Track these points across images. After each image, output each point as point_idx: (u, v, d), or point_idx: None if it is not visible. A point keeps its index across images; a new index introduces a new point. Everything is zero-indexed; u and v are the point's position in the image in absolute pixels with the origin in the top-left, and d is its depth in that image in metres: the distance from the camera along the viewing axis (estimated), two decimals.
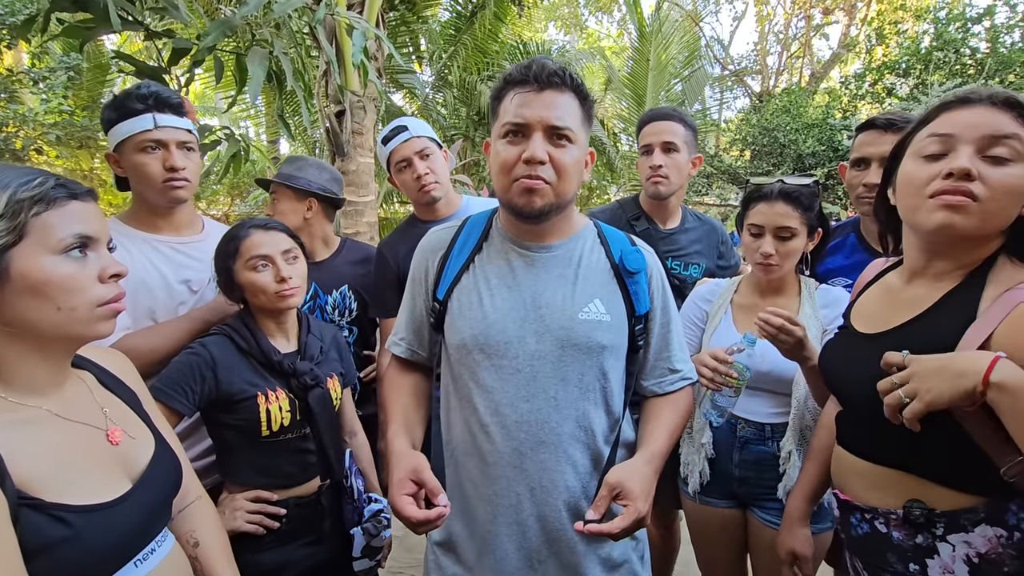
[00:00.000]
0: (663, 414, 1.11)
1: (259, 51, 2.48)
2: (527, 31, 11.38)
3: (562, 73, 0.98)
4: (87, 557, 0.71)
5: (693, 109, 9.45)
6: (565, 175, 1.00)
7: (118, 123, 1.31)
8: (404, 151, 1.74)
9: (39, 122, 6.84)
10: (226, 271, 1.28)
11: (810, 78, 13.00)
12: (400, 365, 1.23)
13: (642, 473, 1.00)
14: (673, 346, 1.14)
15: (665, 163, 1.74)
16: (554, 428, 1.01)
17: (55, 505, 0.69)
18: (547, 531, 1.02)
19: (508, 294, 1.05)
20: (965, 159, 0.82)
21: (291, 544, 1.28)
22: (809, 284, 1.48)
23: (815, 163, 7.62)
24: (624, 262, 1.08)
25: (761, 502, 1.42)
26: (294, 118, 7.17)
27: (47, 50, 7.17)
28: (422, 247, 1.19)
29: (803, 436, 1.36)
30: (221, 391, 1.20)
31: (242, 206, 10.65)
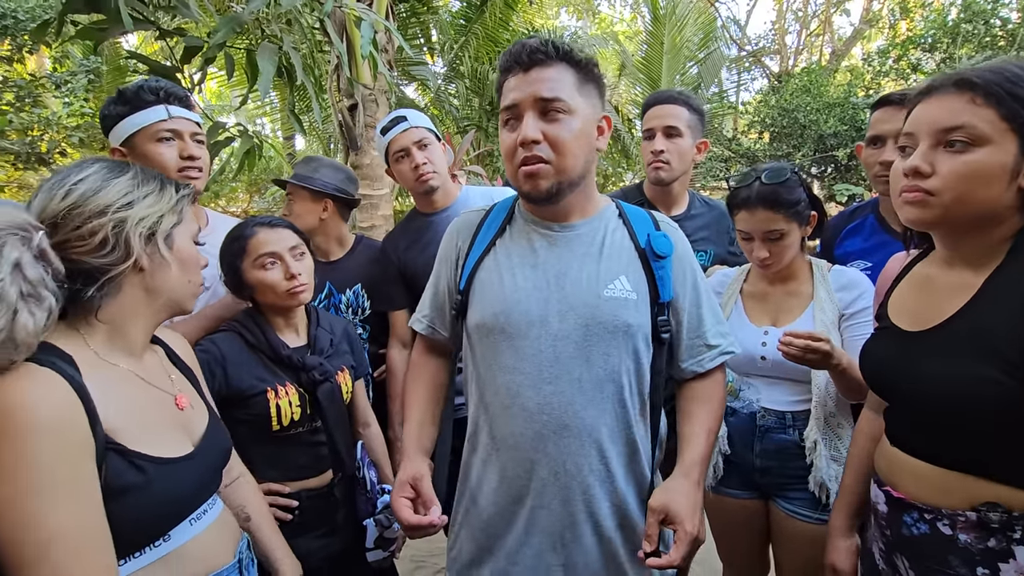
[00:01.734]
0: (695, 413, 1.07)
1: (268, 47, 2.49)
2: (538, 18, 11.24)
3: (545, 46, 0.96)
4: (154, 506, 0.79)
5: (709, 92, 9.24)
6: (563, 149, 0.96)
7: (129, 116, 1.32)
8: (402, 141, 1.73)
9: (62, 125, 7.01)
10: (234, 271, 1.29)
11: (831, 56, 12.61)
12: (423, 349, 1.23)
13: (684, 490, 0.97)
14: (707, 322, 1.09)
15: (667, 148, 1.69)
16: (578, 411, 0.98)
17: (135, 453, 0.77)
18: (570, 516, 1.00)
19: (531, 273, 1.03)
20: (915, 157, 0.85)
21: (305, 535, 1.29)
22: (821, 266, 1.43)
23: (837, 143, 7.40)
24: (653, 245, 1.04)
25: (784, 492, 1.39)
26: (307, 113, 7.22)
27: (67, 54, 7.32)
28: (451, 229, 1.19)
29: (827, 423, 1.32)
30: (231, 387, 1.22)
31: (260, 202, 10.80)
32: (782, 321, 1.40)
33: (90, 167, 0.80)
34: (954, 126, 0.81)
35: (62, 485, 0.68)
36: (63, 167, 0.80)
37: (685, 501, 0.96)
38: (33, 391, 0.68)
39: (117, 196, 0.78)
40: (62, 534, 0.67)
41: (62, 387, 0.70)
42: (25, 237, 0.68)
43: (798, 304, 1.40)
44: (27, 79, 7.22)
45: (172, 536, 0.81)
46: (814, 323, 1.34)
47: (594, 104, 1.01)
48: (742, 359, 1.36)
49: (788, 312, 1.40)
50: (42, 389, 0.68)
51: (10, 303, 0.65)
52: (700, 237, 1.81)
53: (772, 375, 1.36)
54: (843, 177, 7.60)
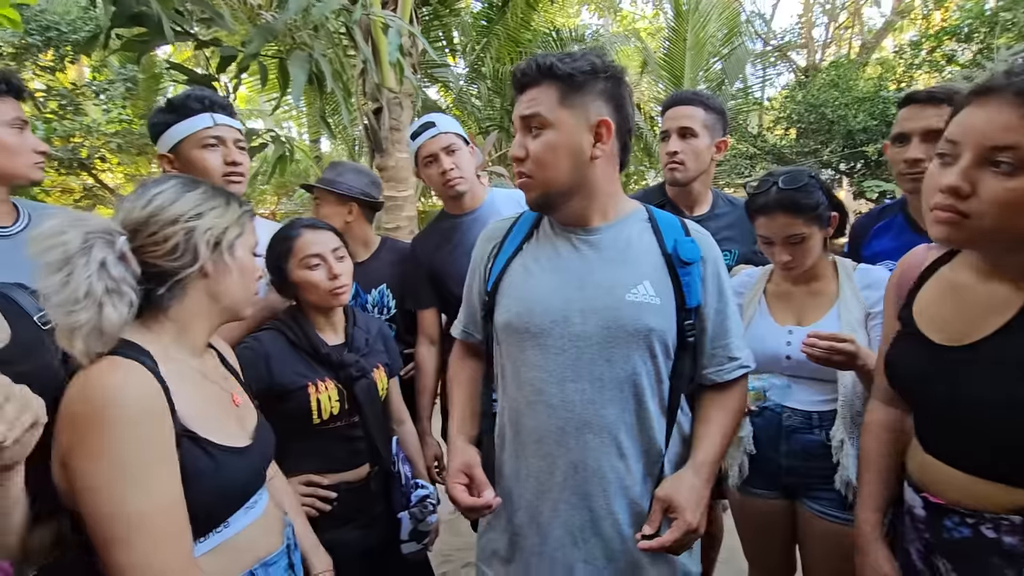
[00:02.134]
0: (713, 416, 1.09)
1: (300, 55, 2.57)
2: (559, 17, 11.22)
3: (531, 66, 1.02)
4: (221, 491, 0.86)
5: (734, 88, 9.09)
6: (539, 163, 1.02)
7: (176, 123, 1.40)
8: (431, 147, 1.79)
9: (102, 132, 7.28)
10: (279, 270, 1.36)
11: (860, 49, 12.29)
12: (461, 352, 1.31)
13: (690, 484, 1.00)
14: (732, 333, 1.11)
15: (681, 149, 1.70)
16: (598, 410, 1.01)
17: (206, 440, 0.84)
18: (590, 511, 1.03)
19: (554, 275, 1.07)
20: (954, 174, 0.77)
21: (344, 527, 1.35)
22: (846, 265, 1.43)
23: (867, 139, 7.22)
24: (679, 252, 1.05)
25: (811, 492, 1.39)
26: (333, 117, 7.36)
27: (106, 63, 7.60)
28: (482, 236, 1.25)
29: (853, 422, 1.32)
30: (274, 383, 1.28)
31: (288, 204, 11.04)
32: (807, 320, 1.40)
33: (167, 182, 0.87)
34: (1005, 145, 0.73)
35: (151, 468, 0.74)
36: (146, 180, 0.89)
37: (689, 494, 0.99)
38: (122, 381, 0.74)
39: (188, 207, 0.85)
40: (151, 514, 0.73)
41: (146, 377, 0.77)
42: (110, 240, 0.76)
43: (823, 303, 1.40)
44: (69, 88, 7.52)
45: (231, 523, 0.87)
46: (840, 322, 1.34)
47: (586, 111, 1.01)
48: (766, 358, 1.37)
49: (813, 311, 1.41)
50: (130, 379, 0.75)
51: (96, 297, 0.73)
52: (725, 236, 1.81)
53: (797, 374, 1.37)
54: (873, 173, 7.41)
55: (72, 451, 0.72)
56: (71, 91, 7.46)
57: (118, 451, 0.72)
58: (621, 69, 1.06)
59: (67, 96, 7.41)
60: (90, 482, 0.71)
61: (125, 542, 0.71)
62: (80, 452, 0.71)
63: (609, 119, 1.02)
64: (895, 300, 1.06)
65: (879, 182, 6.95)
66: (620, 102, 1.04)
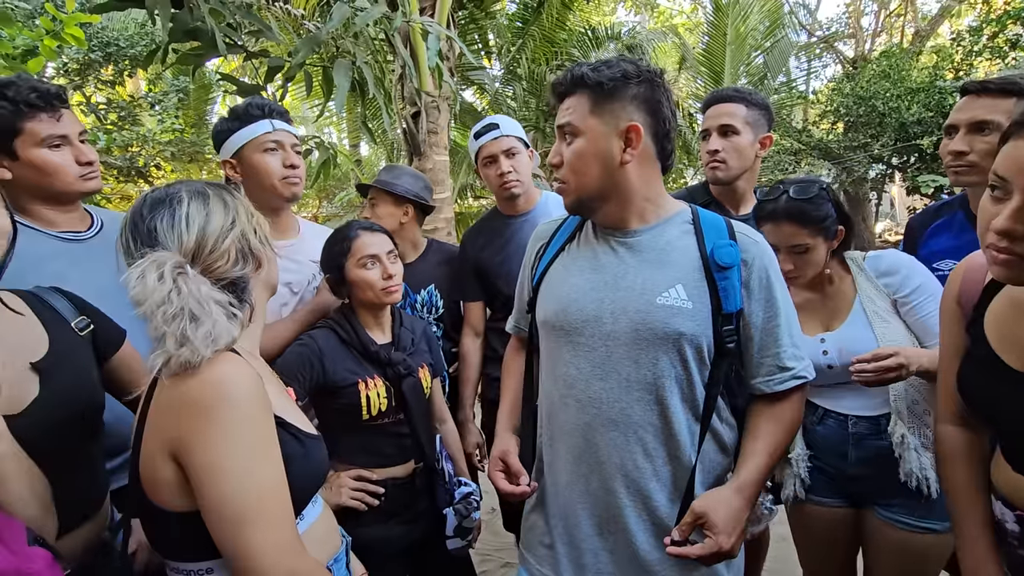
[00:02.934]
0: (762, 430, 1.06)
1: (343, 63, 2.65)
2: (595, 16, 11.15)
3: (565, 77, 1.06)
4: (308, 477, 0.88)
5: (776, 82, 8.83)
6: (571, 169, 1.05)
7: (238, 130, 1.47)
8: (492, 148, 1.85)
9: (156, 141, 7.69)
10: (337, 268, 1.41)
11: (914, 37, 11.71)
12: (514, 346, 1.38)
13: (730, 504, 0.98)
14: (783, 342, 1.06)
15: (723, 147, 1.67)
16: (624, 409, 1.02)
17: (293, 426, 0.87)
18: (612, 507, 1.04)
19: (591, 276, 1.09)
20: (1004, 219, 0.72)
21: (390, 521, 1.39)
22: (856, 259, 1.39)
23: (921, 131, 6.88)
24: (715, 256, 1.03)
25: (882, 499, 1.33)
26: (372, 122, 7.54)
27: (161, 76, 8.01)
28: (532, 237, 1.29)
29: (911, 412, 1.28)
30: (327, 379, 1.33)
31: (329, 207, 11.36)
32: (834, 324, 1.37)
33: (181, 198, 0.85)
34: None
35: (269, 448, 0.78)
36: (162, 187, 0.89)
37: (727, 514, 0.97)
38: (234, 370, 0.78)
39: (224, 216, 0.87)
40: (276, 489, 0.77)
41: (248, 366, 0.80)
42: (185, 271, 0.77)
43: (844, 303, 1.37)
44: (127, 100, 7.96)
45: (305, 516, 0.89)
46: (867, 316, 1.31)
47: (616, 118, 1.02)
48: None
49: (837, 314, 1.38)
50: (239, 368, 0.79)
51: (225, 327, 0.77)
52: None
53: (846, 381, 1.32)
54: (929, 167, 7.05)
55: (191, 439, 0.74)
56: (129, 103, 7.89)
57: (245, 426, 0.75)
58: (657, 72, 1.05)
59: (125, 108, 7.86)
60: (219, 458, 0.73)
61: (256, 518, 0.73)
62: (203, 437, 0.73)
63: (639, 124, 1.02)
64: (957, 313, 0.99)
65: (935, 176, 6.62)
66: (655, 106, 1.04)
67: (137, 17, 7.29)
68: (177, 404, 0.75)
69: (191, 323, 0.73)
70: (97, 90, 7.97)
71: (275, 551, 0.73)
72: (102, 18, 6.72)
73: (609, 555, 1.05)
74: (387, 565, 1.28)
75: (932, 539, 1.28)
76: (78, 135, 1.30)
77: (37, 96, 1.21)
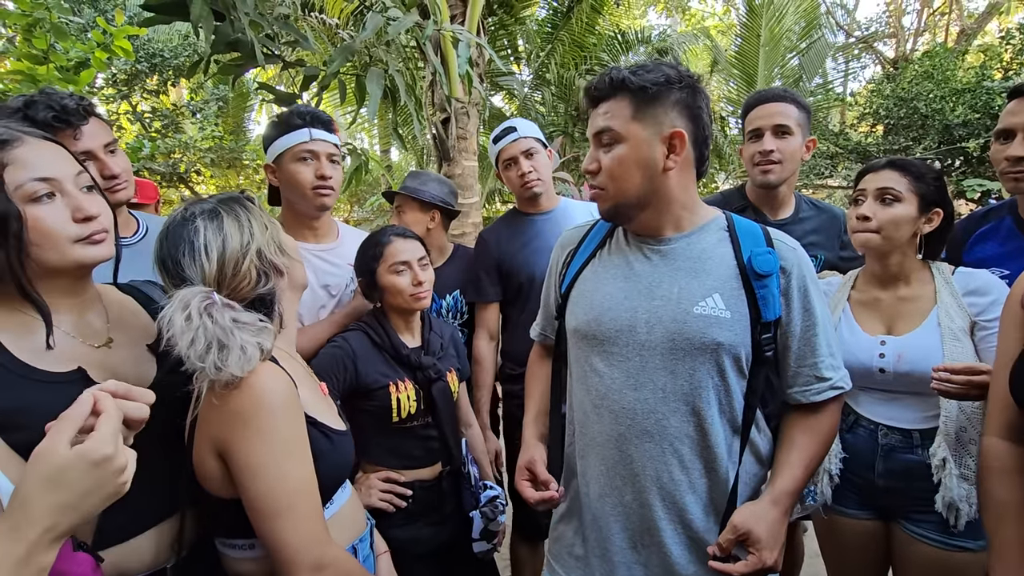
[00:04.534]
0: (798, 441, 1.04)
1: (376, 71, 2.70)
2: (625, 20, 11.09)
3: (603, 80, 1.02)
4: (335, 469, 0.95)
5: (812, 84, 8.60)
6: (611, 176, 1.02)
7: (280, 137, 1.50)
8: (511, 151, 1.88)
9: (197, 148, 7.98)
10: (370, 273, 1.44)
11: (959, 36, 11.26)
12: (539, 352, 1.37)
13: (769, 518, 0.97)
14: (820, 351, 1.04)
15: (778, 148, 1.63)
16: (659, 420, 1.00)
17: (323, 424, 0.94)
18: (647, 520, 1.03)
19: (624, 284, 1.07)
20: None
21: (417, 523, 1.41)
22: (942, 269, 1.32)
23: (967, 134, 6.59)
24: (753, 263, 1.01)
25: (911, 514, 1.29)
26: (403, 128, 7.66)
27: (202, 85, 8.32)
28: (558, 243, 1.28)
29: (957, 439, 1.21)
30: (360, 381, 1.36)
31: (360, 212, 11.57)
32: (899, 329, 1.31)
33: (197, 228, 0.87)
34: None
35: (301, 447, 0.85)
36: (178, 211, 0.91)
37: (768, 529, 0.96)
38: (269, 376, 0.84)
39: (239, 235, 0.89)
40: (305, 486, 0.84)
41: (283, 374, 0.87)
42: (213, 301, 0.81)
43: (917, 310, 1.30)
44: (170, 108, 8.29)
45: (334, 501, 0.97)
46: (939, 330, 1.25)
47: (659, 123, 0.99)
48: (856, 372, 1.28)
49: (907, 319, 1.31)
50: (274, 375, 0.85)
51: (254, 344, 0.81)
52: (811, 242, 1.73)
53: (893, 389, 1.28)
54: (975, 171, 6.75)
55: (233, 442, 0.81)
56: (172, 111, 8.23)
57: (279, 432, 0.82)
58: (698, 78, 1.04)
59: (169, 116, 8.19)
60: (256, 460, 0.81)
61: (287, 513, 0.81)
62: (244, 438, 0.81)
63: (683, 130, 1.00)
64: (1020, 316, 0.95)
65: (982, 180, 6.34)
66: (696, 112, 1.02)
67: (181, 29, 7.61)
68: (221, 410, 0.81)
69: (220, 352, 0.77)
70: (143, 99, 8.34)
71: (303, 541, 0.81)
72: (148, 30, 7.04)
73: (643, 569, 1.04)
74: (414, 567, 1.30)
75: (965, 558, 1.23)
76: (103, 147, 1.27)
77: (54, 117, 1.18)
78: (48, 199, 0.80)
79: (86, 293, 0.91)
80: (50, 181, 0.80)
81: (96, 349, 0.89)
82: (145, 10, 2.18)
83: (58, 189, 0.81)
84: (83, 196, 0.84)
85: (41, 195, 0.79)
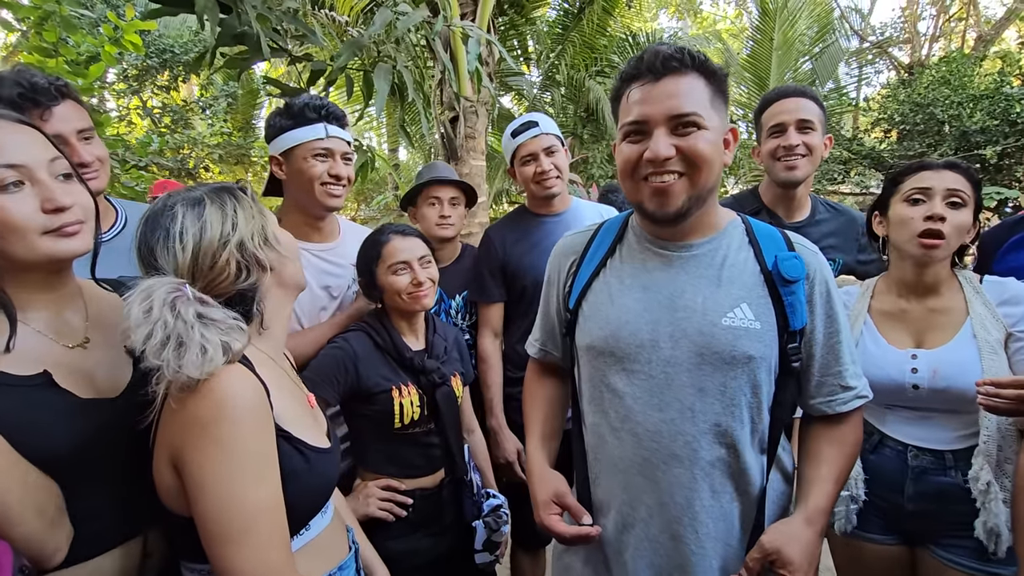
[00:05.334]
0: (825, 454, 0.97)
1: (384, 67, 2.67)
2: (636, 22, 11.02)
3: (680, 54, 0.88)
4: (311, 492, 0.85)
5: (825, 89, 8.52)
6: (698, 164, 0.89)
7: (292, 130, 1.42)
8: (532, 146, 1.80)
9: (206, 144, 8.00)
10: (369, 273, 1.39)
11: (976, 42, 11.11)
12: (537, 370, 1.24)
13: (803, 539, 0.90)
14: (844, 359, 0.98)
15: (803, 142, 1.57)
16: (689, 442, 0.92)
17: (299, 440, 0.84)
18: (679, 553, 0.94)
19: (642, 295, 0.98)
20: None
21: (416, 533, 1.35)
22: (970, 278, 1.25)
23: (984, 140, 6.48)
24: (780, 269, 0.94)
25: (942, 539, 1.21)
26: (411, 126, 7.63)
27: (212, 82, 8.34)
28: (557, 250, 1.17)
29: (996, 459, 1.14)
30: (361, 384, 1.30)
31: (366, 210, 11.56)
32: (930, 342, 1.23)
33: (176, 214, 0.80)
34: None
35: (263, 465, 0.75)
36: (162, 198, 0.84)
37: (802, 550, 0.89)
38: (236, 381, 0.75)
39: (220, 224, 0.81)
40: (266, 509, 0.74)
41: (253, 379, 0.78)
42: (181, 293, 0.74)
43: (949, 322, 1.23)
44: (180, 104, 8.32)
45: (311, 526, 0.87)
46: (976, 343, 1.17)
47: (724, 117, 0.94)
48: (887, 388, 1.22)
49: (938, 331, 1.24)
50: (242, 380, 0.76)
51: (217, 344, 0.73)
52: (828, 245, 1.67)
53: (925, 407, 1.20)
54: (992, 179, 6.65)
55: (188, 449, 0.72)
56: (182, 107, 8.25)
57: (240, 445, 0.73)
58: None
59: (178, 112, 8.22)
60: (209, 477, 0.71)
61: (240, 538, 0.71)
62: (199, 448, 0.72)
63: (735, 128, 0.96)
64: None
65: (1000, 188, 6.23)
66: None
67: (192, 25, 7.62)
68: (179, 415, 0.74)
69: (177, 349, 0.70)
70: (153, 95, 8.37)
71: (255, 572, 0.71)
72: (159, 26, 7.05)
73: None
74: None
75: None
76: (76, 132, 1.17)
77: (20, 94, 1.09)
78: (15, 187, 0.74)
79: (64, 288, 0.85)
80: (18, 168, 0.74)
81: (70, 350, 0.83)
82: (152, 2, 2.15)
83: (28, 177, 0.75)
84: (56, 185, 0.77)
85: (7, 183, 0.73)
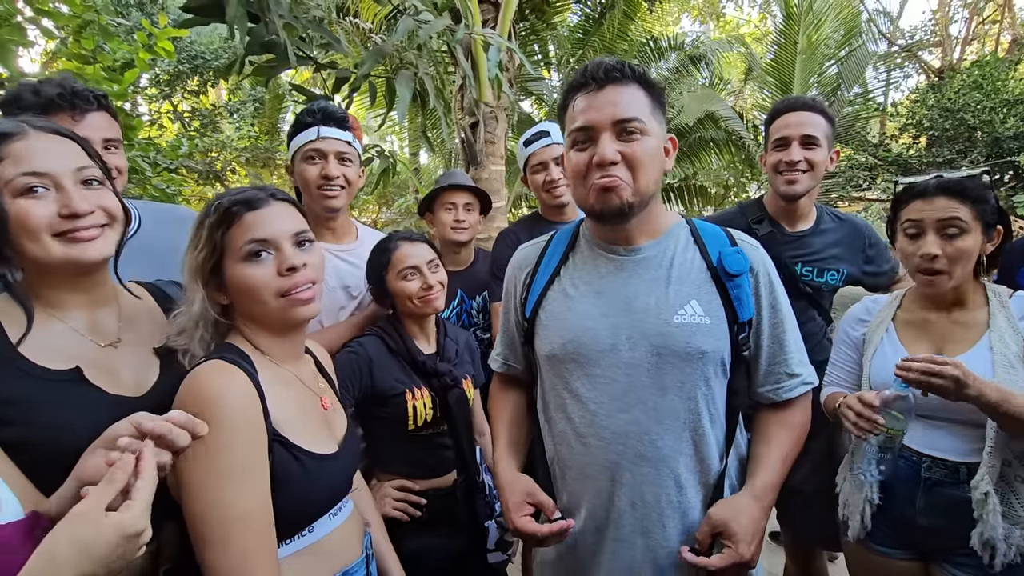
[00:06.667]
0: (774, 435, 1.03)
1: (406, 74, 2.72)
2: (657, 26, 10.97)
3: (621, 66, 0.95)
4: (307, 498, 0.86)
5: (851, 93, 8.36)
6: (640, 169, 0.94)
7: (293, 136, 1.49)
8: (542, 155, 1.84)
9: (233, 147, 8.21)
10: (379, 280, 1.43)
11: (1011, 45, 10.79)
12: (501, 382, 1.27)
13: (749, 512, 0.94)
14: (789, 348, 1.03)
15: (805, 158, 1.58)
16: (654, 440, 0.96)
17: (296, 447, 0.85)
18: (651, 548, 0.97)
19: (597, 300, 1.02)
20: None
21: (430, 533, 1.37)
22: (999, 292, 1.23)
23: (1018, 147, 6.30)
24: (724, 264, 0.99)
25: (952, 555, 1.20)
26: (432, 131, 7.72)
27: (240, 86, 8.56)
28: (512, 264, 1.20)
29: (1003, 476, 1.12)
30: (376, 387, 1.34)
31: (388, 213, 11.72)
32: (949, 352, 1.22)
33: None
34: None
35: (248, 471, 0.76)
36: None
37: (748, 524, 0.93)
38: (226, 383, 0.77)
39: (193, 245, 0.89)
40: (248, 516, 0.74)
41: (245, 382, 0.79)
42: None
43: (969, 334, 1.21)
44: (209, 108, 8.55)
45: (315, 528, 0.89)
46: (992, 355, 1.16)
47: (663, 126, 1.00)
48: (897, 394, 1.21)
49: (957, 342, 1.22)
50: (233, 383, 0.78)
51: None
52: (831, 255, 1.67)
53: (938, 416, 1.19)
54: None
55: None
56: (210, 111, 8.48)
57: (222, 453, 0.74)
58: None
59: (207, 116, 8.45)
60: (194, 478, 0.73)
61: (221, 542, 0.73)
62: (188, 452, 0.72)
63: (673, 138, 1.03)
64: None
65: None
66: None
67: (222, 32, 7.83)
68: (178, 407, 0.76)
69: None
70: (184, 99, 8.62)
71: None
72: (191, 33, 7.26)
73: None
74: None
75: None
76: (102, 140, 1.21)
77: (59, 95, 1.14)
78: (39, 192, 0.78)
79: (96, 291, 0.90)
80: (44, 176, 0.78)
81: (102, 348, 0.88)
82: (184, 12, 2.24)
83: (54, 184, 0.79)
84: (77, 192, 0.80)
85: (31, 188, 0.77)
